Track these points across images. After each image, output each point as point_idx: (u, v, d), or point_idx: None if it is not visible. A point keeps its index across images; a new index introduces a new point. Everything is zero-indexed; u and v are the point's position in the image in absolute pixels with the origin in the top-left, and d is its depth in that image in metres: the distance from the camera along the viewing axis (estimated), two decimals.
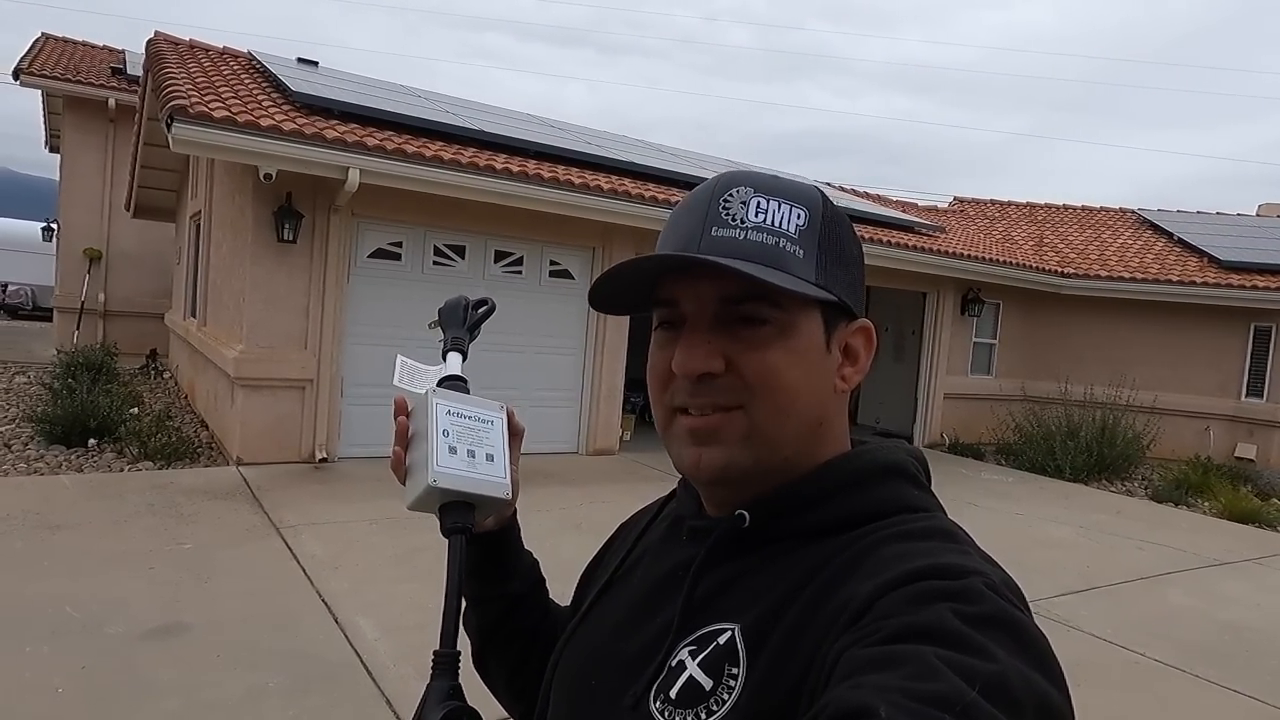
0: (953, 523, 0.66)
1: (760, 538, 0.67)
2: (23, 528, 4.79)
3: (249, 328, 6.58)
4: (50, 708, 2.93)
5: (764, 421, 0.65)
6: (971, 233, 13.08)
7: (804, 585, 0.61)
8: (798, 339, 0.65)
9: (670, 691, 0.62)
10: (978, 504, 7.66)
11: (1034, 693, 0.46)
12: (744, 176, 0.67)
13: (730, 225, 0.64)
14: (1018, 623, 0.51)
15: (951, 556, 0.57)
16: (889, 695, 0.44)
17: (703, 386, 0.65)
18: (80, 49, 15.12)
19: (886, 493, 0.66)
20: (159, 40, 8.68)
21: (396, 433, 0.81)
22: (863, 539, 0.62)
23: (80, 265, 13.53)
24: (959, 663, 0.46)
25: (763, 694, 0.57)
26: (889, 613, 0.52)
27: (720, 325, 0.65)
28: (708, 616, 0.65)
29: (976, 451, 10.71)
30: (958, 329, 11.36)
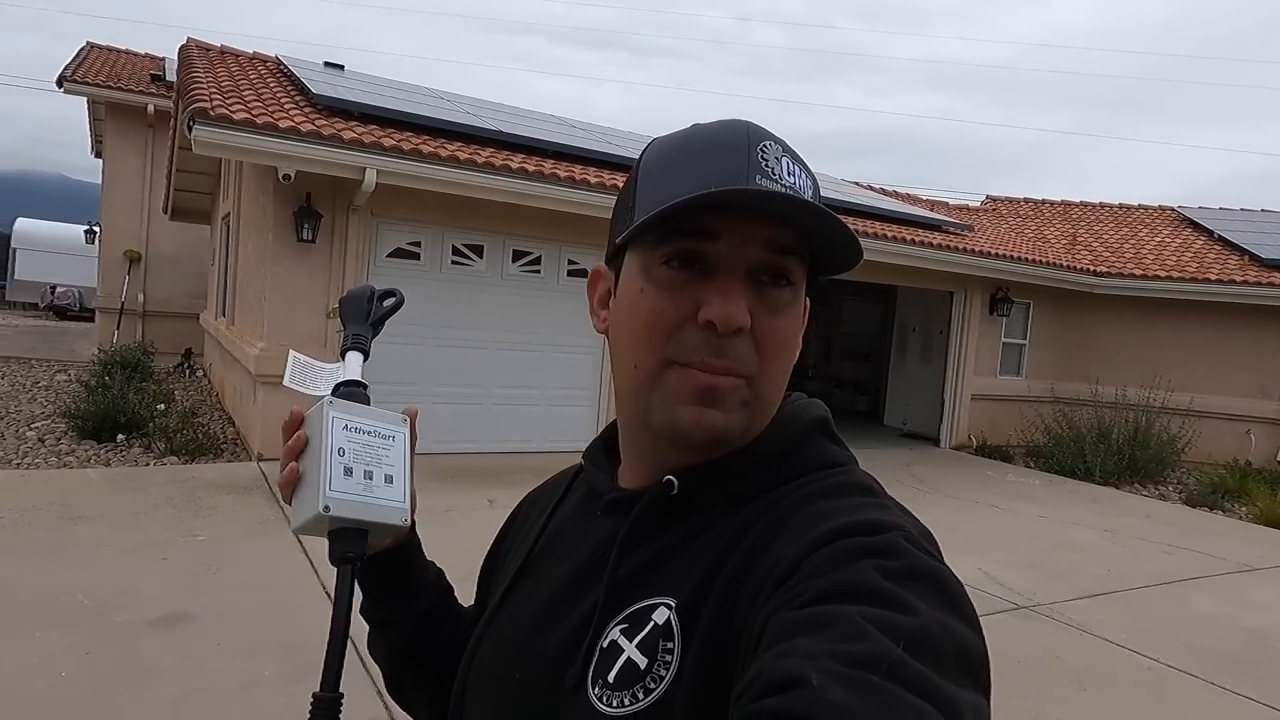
0: (867, 475, 0.66)
1: (685, 507, 0.65)
2: (47, 518, 4.94)
3: (269, 325, 6.71)
4: (51, 691, 3.01)
5: (764, 391, 0.64)
6: (1002, 231, 12.86)
7: (731, 550, 0.60)
8: (797, 306, 0.65)
9: (608, 675, 0.60)
10: (1000, 506, 7.52)
11: (953, 640, 0.47)
12: (769, 133, 0.64)
13: (772, 178, 0.61)
14: (936, 573, 0.52)
15: (871, 512, 0.57)
16: (819, 661, 0.44)
17: (727, 343, 0.60)
18: (123, 57, 15.54)
19: (809, 452, 0.66)
20: (190, 46, 8.90)
21: (289, 448, 0.73)
22: (785, 499, 0.62)
23: (121, 267, 13.91)
24: (883, 619, 0.47)
25: (700, 665, 0.56)
26: (814, 573, 0.52)
27: (750, 279, 0.61)
28: (637, 593, 0.63)
29: (1005, 454, 10.52)
30: (986, 329, 11.17)
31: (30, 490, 5.49)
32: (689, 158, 0.63)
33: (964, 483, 8.57)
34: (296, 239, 6.61)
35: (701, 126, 0.66)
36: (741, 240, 0.60)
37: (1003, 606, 4.73)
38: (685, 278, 0.61)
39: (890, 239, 9.23)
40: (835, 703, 0.42)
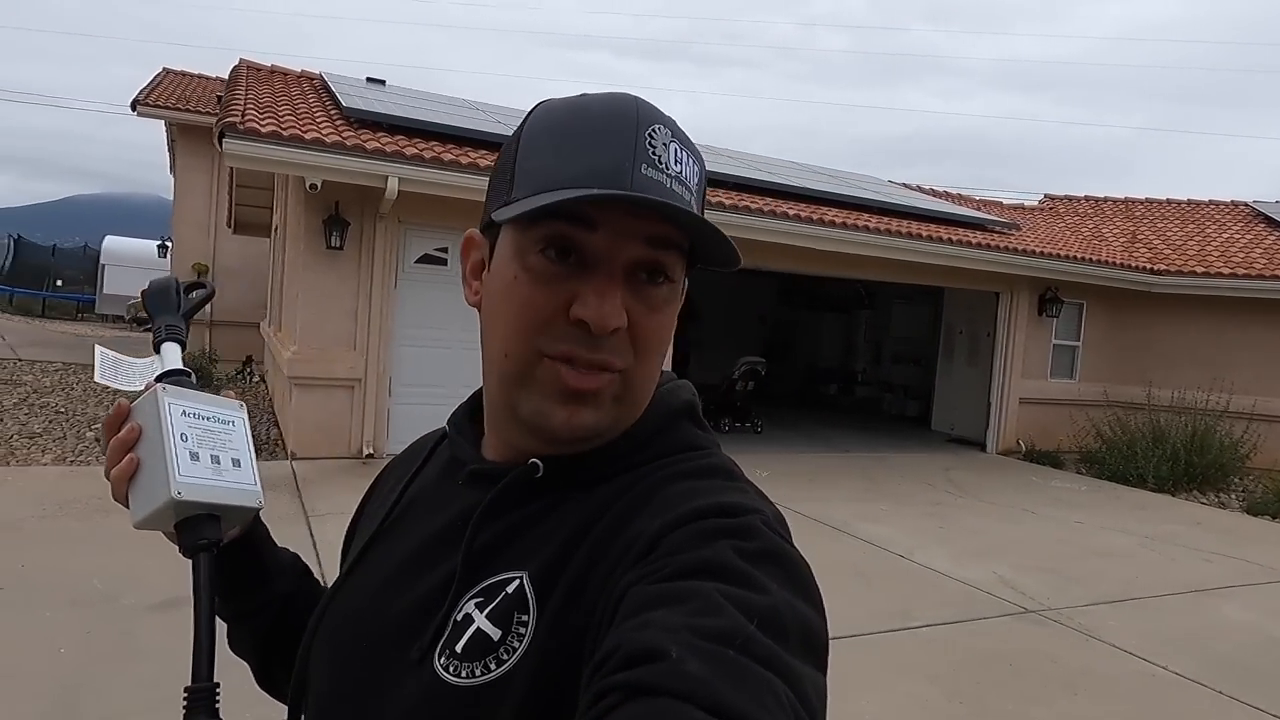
0: (729, 459, 0.67)
1: (548, 484, 0.64)
2: (82, 511, 5.26)
3: (302, 330, 6.99)
4: (48, 665, 3.22)
5: (636, 385, 0.63)
6: (1057, 230, 12.42)
7: (592, 524, 0.60)
8: (677, 301, 0.64)
9: (456, 646, 0.60)
10: (1035, 512, 7.26)
11: (799, 619, 0.50)
12: (659, 113, 0.62)
13: (658, 168, 0.59)
14: (787, 555, 0.55)
15: (733, 495, 0.59)
16: (677, 634, 0.46)
17: (604, 342, 0.59)
18: (195, 81, 16.41)
19: (675, 434, 0.67)
20: (240, 66, 9.36)
21: (119, 441, 0.70)
22: (648, 478, 0.63)
23: (189, 279, 14.63)
24: (739, 597, 0.49)
25: (552, 635, 0.57)
26: (674, 549, 0.53)
27: (628, 275, 0.60)
28: (493, 567, 0.62)
29: (1055, 459, 10.13)
30: (1035, 330, 10.79)
31: (74, 485, 5.85)
32: (574, 137, 0.60)
33: (1002, 488, 8.30)
34: (326, 246, 6.88)
35: (590, 100, 0.63)
36: (620, 234, 0.59)
37: (1007, 610, 4.58)
38: (561, 270, 0.59)
39: (925, 238, 9.03)
40: (693, 675, 0.43)
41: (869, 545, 5.69)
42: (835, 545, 5.68)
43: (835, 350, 15.69)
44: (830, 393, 15.07)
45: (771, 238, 8.30)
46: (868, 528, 6.13)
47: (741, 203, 8.17)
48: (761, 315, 15.98)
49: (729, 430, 10.35)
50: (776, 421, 11.29)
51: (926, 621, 4.30)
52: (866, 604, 4.50)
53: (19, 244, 28.49)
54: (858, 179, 12.06)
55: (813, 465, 8.75)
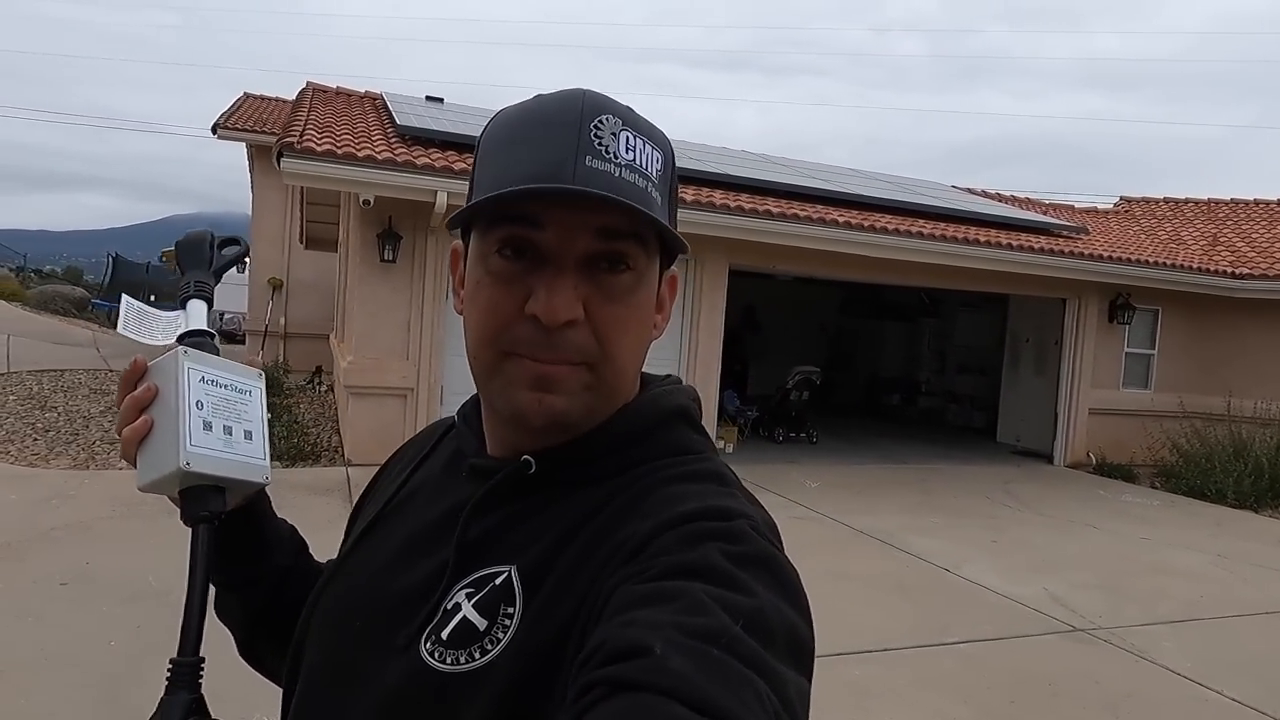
0: (723, 464, 0.68)
1: (541, 481, 0.65)
2: (148, 513, 5.55)
3: (357, 340, 7.23)
4: (100, 656, 3.42)
5: (608, 375, 0.63)
6: (1130, 233, 11.91)
7: (583, 524, 0.61)
8: (646, 291, 0.64)
9: (443, 633, 0.61)
10: (1098, 526, 6.96)
11: (785, 624, 0.51)
12: (609, 103, 0.62)
13: (604, 158, 0.59)
14: (775, 560, 0.56)
15: (722, 499, 0.60)
16: (662, 631, 0.46)
17: (558, 337, 0.60)
18: (273, 104, 17.17)
19: (668, 437, 0.68)
20: (307, 89, 9.78)
21: (135, 399, 0.70)
22: (641, 480, 0.63)
23: (265, 293, 15.31)
24: (725, 599, 0.49)
25: (536, 630, 0.58)
26: (663, 551, 0.54)
27: (584, 268, 0.60)
28: (485, 559, 0.64)
29: (1127, 473, 9.68)
30: (1105, 338, 10.35)
31: None
32: (521, 138, 0.61)
33: (1066, 502, 7.97)
34: (380, 259, 7.11)
35: (540, 99, 0.64)
36: (568, 228, 0.59)
37: (1054, 628, 4.40)
38: (518, 268, 0.61)
39: (983, 243, 8.78)
40: (675, 670, 0.44)
41: (914, 558, 5.55)
42: (879, 557, 5.56)
43: (898, 360, 15.35)
44: (893, 403, 14.74)
45: (822, 245, 8.21)
46: (916, 540, 5.98)
47: (790, 210, 8.11)
48: (823, 325, 15.76)
49: (783, 440, 10.23)
50: (834, 432, 11.10)
51: (965, 638, 4.17)
52: (903, 618, 4.40)
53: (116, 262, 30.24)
54: (915, 184, 11.82)
55: (866, 477, 8.58)
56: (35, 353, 13.65)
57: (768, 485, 7.60)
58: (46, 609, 3.85)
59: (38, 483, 6.12)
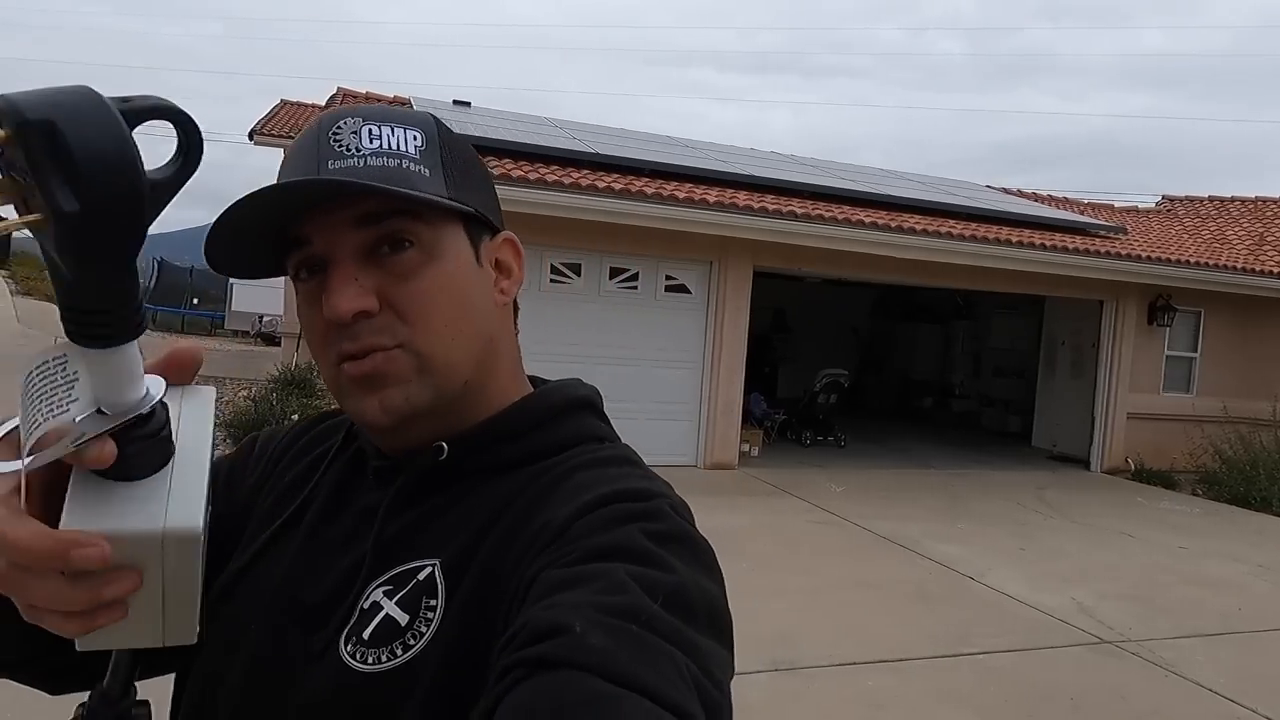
0: (630, 449, 0.69)
1: (454, 474, 0.65)
2: None
3: None
4: None
5: (431, 351, 0.62)
6: (1171, 233, 11.58)
7: (501, 514, 0.62)
8: (446, 259, 0.63)
9: (363, 633, 0.59)
10: (1133, 535, 6.75)
11: (705, 598, 0.53)
12: (350, 110, 0.64)
13: (346, 155, 0.60)
14: (692, 537, 0.58)
15: (638, 481, 0.61)
16: (582, 611, 0.47)
17: (358, 328, 0.60)
18: (309, 110, 17.42)
19: (575, 425, 0.69)
20: (338, 94, 9.92)
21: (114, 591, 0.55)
22: (555, 468, 0.64)
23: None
24: (644, 576, 0.50)
25: (462, 620, 0.57)
26: (584, 534, 0.55)
27: (365, 258, 0.61)
28: (402, 555, 0.63)
29: (1167, 479, 9.39)
30: (1144, 341, 10.06)
31: None
32: (279, 173, 0.64)
33: (1100, 509, 7.75)
34: None
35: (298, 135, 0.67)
36: (329, 230, 0.60)
37: (1079, 640, 4.27)
38: (313, 284, 0.62)
39: (1015, 244, 8.59)
40: (595, 647, 0.45)
41: (937, 565, 5.43)
42: (900, 564, 5.45)
43: (931, 363, 15.10)
44: (925, 406, 14.50)
45: (849, 246, 8.10)
46: (940, 547, 5.86)
47: (815, 211, 8.01)
48: (854, 327, 15.57)
49: (810, 444, 10.11)
50: (864, 435, 10.94)
51: (985, 649, 4.06)
52: (921, 627, 4.30)
53: (162, 266, 30.99)
54: (947, 184, 11.61)
55: (893, 481, 8.43)
56: None
57: (791, 489, 7.51)
58: None
59: None
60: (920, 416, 14.21)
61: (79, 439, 0.43)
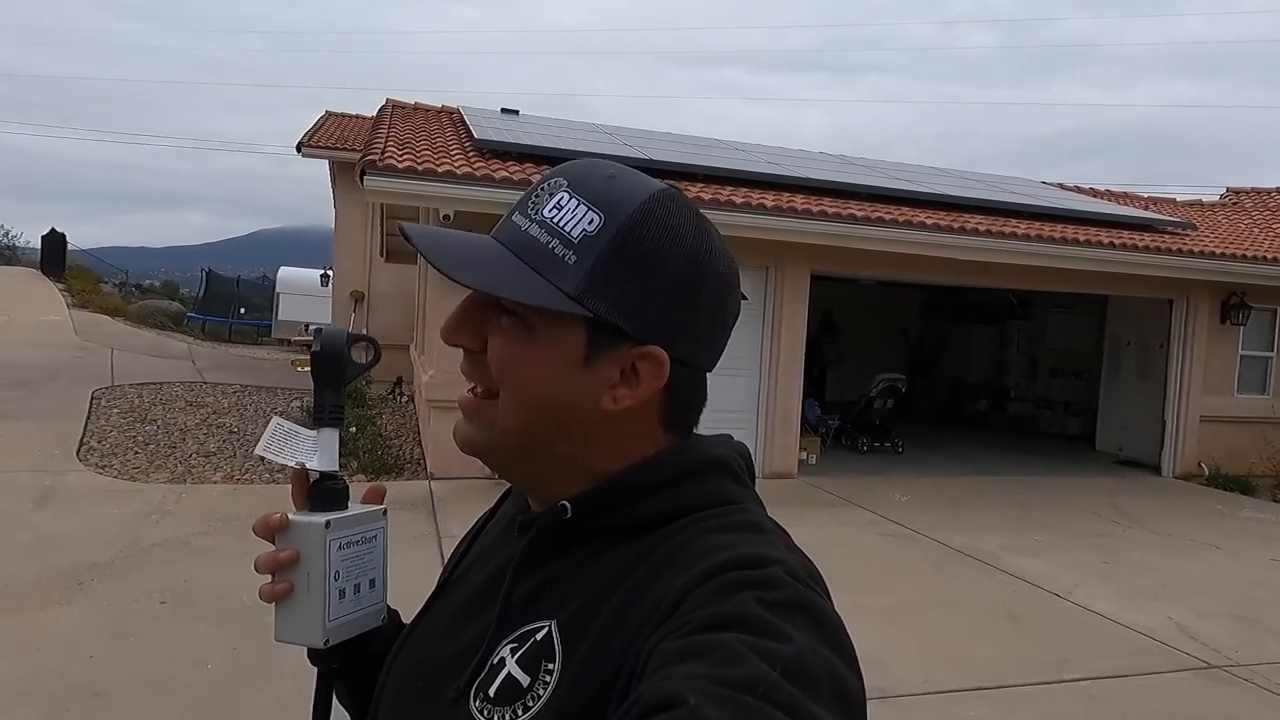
0: (763, 514, 0.67)
1: (581, 534, 0.67)
2: (243, 527, 5.65)
3: (437, 354, 7.27)
4: (198, 678, 3.44)
5: (506, 413, 0.66)
6: (1241, 228, 11.14)
7: (620, 581, 0.62)
8: (541, 343, 0.64)
9: (489, 689, 0.62)
10: (1220, 546, 6.46)
11: (828, 670, 0.50)
12: (573, 169, 0.66)
13: (527, 214, 0.65)
14: (814, 605, 0.55)
15: (756, 547, 0.59)
16: (697, 683, 0.46)
17: (470, 362, 0.68)
18: (353, 120, 17.64)
19: (705, 488, 0.67)
20: (387, 105, 9.95)
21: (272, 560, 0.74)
22: (676, 534, 0.63)
23: (348, 305, 15.70)
24: (760, 647, 0.49)
25: (576, 688, 0.58)
26: (698, 605, 0.54)
27: (485, 304, 0.65)
28: (528, 614, 0.65)
29: (1245, 485, 9.02)
30: (1218, 340, 9.68)
31: (238, 502, 6.32)
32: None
33: (1179, 518, 7.44)
34: None
35: None
36: None
37: (1185, 664, 4.05)
38: None
39: (1083, 243, 8.31)
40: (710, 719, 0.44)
41: (1020, 581, 5.22)
42: (981, 580, 5.25)
43: (984, 364, 14.73)
44: (979, 410, 14.15)
45: (910, 249, 7.89)
46: (1019, 561, 5.64)
47: (875, 214, 7.82)
48: (904, 329, 15.27)
49: (867, 450, 9.89)
50: (919, 441, 10.69)
51: (1087, 674, 3.87)
52: (1017, 651, 4.11)
53: (210, 276, 31.63)
54: (1005, 182, 11.31)
55: (958, 489, 8.19)
56: (136, 365, 14.28)
57: (855, 499, 7.33)
58: (147, 628, 3.92)
59: (137, 497, 6.32)
60: (974, 420, 13.87)
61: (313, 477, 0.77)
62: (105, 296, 25.56)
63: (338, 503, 0.75)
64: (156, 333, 22.43)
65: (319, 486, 0.76)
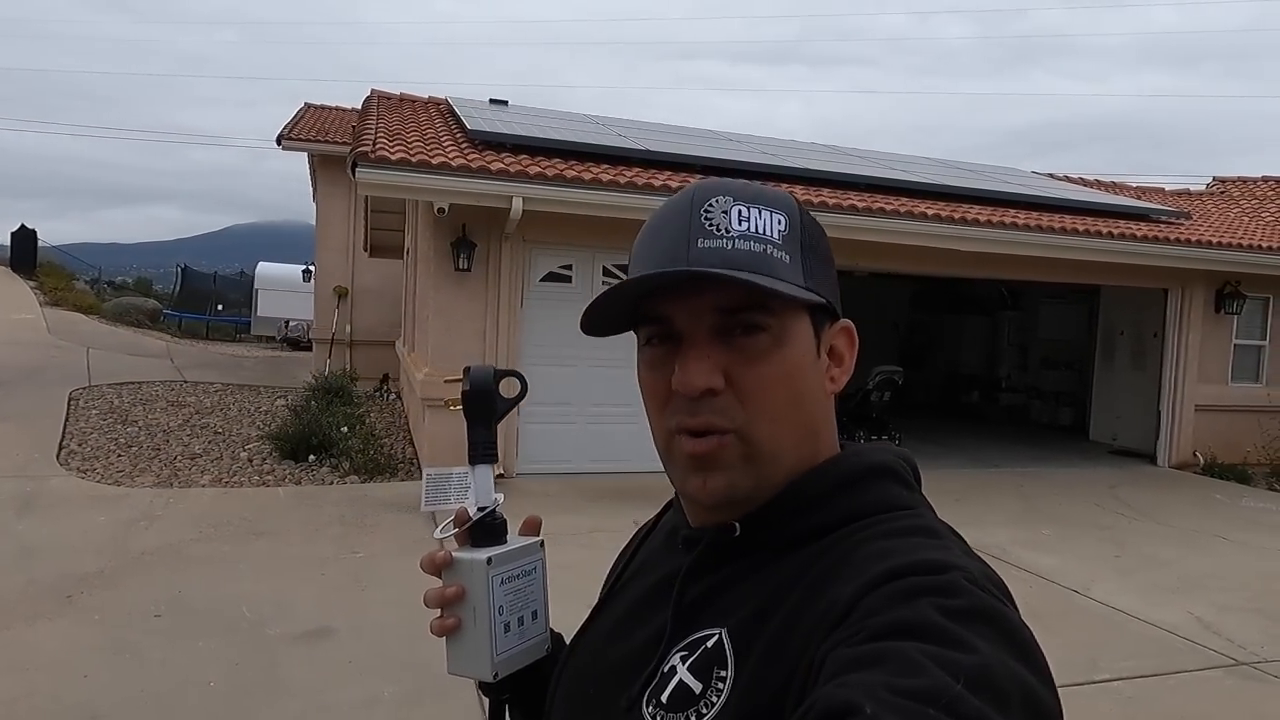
0: (937, 519, 0.66)
1: (749, 544, 0.67)
2: (235, 533, 5.46)
3: (432, 351, 7.09)
4: (200, 699, 3.26)
5: (762, 440, 0.64)
6: (1231, 217, 11.17)
7: (791, 588, 0.61)
8: (792, 348, 0.65)
9: (662, 696, 0.63)
10: (1228, 537, 6.43)
11: (1019, 684, 0.46)
12: (719, 185, 0.67)
13: (715, 235, 0.63)
14: (1000, 615, 0.52)
15: (932, 552, 0.57)
16: (874, 692, 0.44)
17: (702, 404, 0.64)
18: (333, 113, 17.31)
19: (872, 494, 0.66)
20: (373, 96, 9.70)
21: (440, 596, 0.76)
22: (846, 540, 0.62)
23: (331, 301, 15.42)
24: (942, 656, 0.46)
25: (749, 696, 0.58)
26: (872, 611, 0.52)
27: (718, 337, 0.64)
28: (699, 622, 0.66)
29: (1241, 474, 9.04)
30: (1212, 330, 9.70)
31: (228, 506, 6.11)
32: (642, 241, 0.68)
33: (1182, 508, 7.43)
34: (454, 268, 6.95)
35: (664, 203, 0.69)
36: (692, 312, 0.64)
37: (1215, 662, 3.98)
38: (664, 352, 0.66)
39: (1084, 233, 8.26)
40: None
41: (1036, 578, 5.14)
42: None
43: (976, 355, 14.73)
44: (972, 401, 14.15)
45: (908, 240, 7.80)
46: (1032, 556, 5.57)
47: (875, 204, 7.71)
48: (895, 321, 15.24)
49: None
50: (914, 433, 10.63)
51: (1117, 674, 3.78)
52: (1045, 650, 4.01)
53: (186, 273, 31.09)
54: (998, 172, 11.26)
55: (960, 482, 8.12)
56: (113, 365, 13.92)
57: None
58: (143, 643, 3.73)
59: (125, 503, 6.09)
60: (966, 411, 13.87)
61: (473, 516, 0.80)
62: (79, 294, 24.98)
63: (497, 537, 0.78)
64: (133, 330, 21.95)
65: (479, 523, 0.78)
